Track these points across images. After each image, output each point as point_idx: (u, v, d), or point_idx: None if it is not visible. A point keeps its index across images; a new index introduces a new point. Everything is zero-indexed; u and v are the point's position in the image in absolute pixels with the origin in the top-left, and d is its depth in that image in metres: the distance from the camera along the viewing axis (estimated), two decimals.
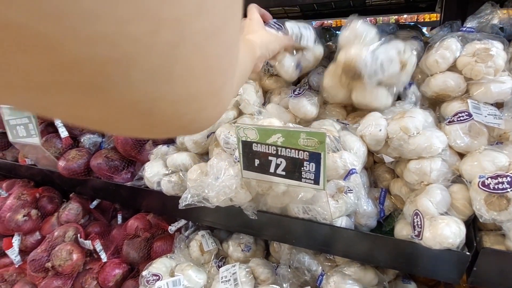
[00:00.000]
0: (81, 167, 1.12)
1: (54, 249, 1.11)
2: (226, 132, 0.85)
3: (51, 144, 1.18)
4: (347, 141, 0.74)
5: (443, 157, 0.68)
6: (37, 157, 1.27)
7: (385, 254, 0.71)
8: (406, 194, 0.75)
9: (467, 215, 0.64)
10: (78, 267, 1.11)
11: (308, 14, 1.50)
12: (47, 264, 1.08)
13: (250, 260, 0.98)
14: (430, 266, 0.65)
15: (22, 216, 1.21)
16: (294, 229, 0.78)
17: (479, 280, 0.62)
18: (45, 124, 1.26)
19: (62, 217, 1.25)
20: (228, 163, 0.79)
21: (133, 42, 0.15)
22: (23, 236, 1.25)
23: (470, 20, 0.78)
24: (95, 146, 1.21)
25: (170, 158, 0.96)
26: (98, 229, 1.25)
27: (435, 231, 0.60)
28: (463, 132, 0.68)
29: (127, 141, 1.06)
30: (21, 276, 1.19)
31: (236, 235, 1.06)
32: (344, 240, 0.74)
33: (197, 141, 0.94)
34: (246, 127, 0.65)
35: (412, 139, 0.68)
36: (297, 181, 0.65)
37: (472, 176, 0.62)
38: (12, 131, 1.17)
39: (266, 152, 0.65)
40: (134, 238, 1.13)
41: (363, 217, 0.76)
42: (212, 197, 0.77)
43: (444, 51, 0.73)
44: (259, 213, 0.79)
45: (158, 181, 0.96)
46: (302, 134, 0.60)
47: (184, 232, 1.10)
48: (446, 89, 0.73)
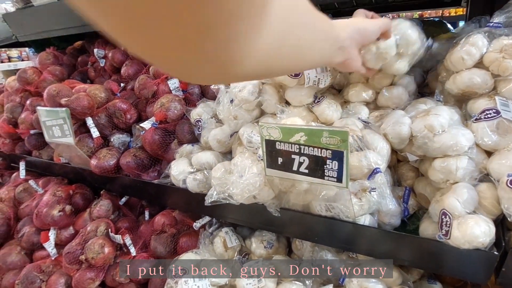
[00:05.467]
0: (111, 165, 1.18)
1: (87, 242, 1.17)
2: (249, 131, 0.87)
3: (83, 143, 1.25)
4: (370, 140, 0.74)
5: (470, 155, 0.67)
6: (71, 156, 1.35)
7: (410, 253, 0.71)
8: (431, 193, 0.75)
9: (495, 214, 0.63)
10: (110, 260, 1.17)
11: (328, 12, 1.49)
12: (81, 257, 1.15)
13: (272, 257, 1.00)
14: (457, 266, 0.65)
15: (58, 212, 1.29)
16: (317, 227, 0.79)
17: (508, 281, 0.61)
18: (78, 125, 1.34)
19: (94, 212, 1.32)
20: (251, 161, 0.81)
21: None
22: (58, 230, 1.33)
23: (497, 15, 0.76)
24: (124, 145, 1.27)
25: (195, 157, 0.99)
26: (127, 224, 1.31)
27: (464, 230, 0.59)
28: (491, 130, 0.67)
29: (154, 141, 1.10)
30: (57, 268, 1.27)
31: (258, 232, 1.08)
32: (368, 238, 0.74)
33: (220, 140, 0.97)
34: (270, 126, 0.67)
35: (437, 137, 0.67)
36: (319, 179, 0.66)
37: (500, 174, 0.61)
38: (48, 131, 1.25)
39: (289, 150, 0.67)
40: (161, 233, 1.17)
41: (386, 216, 0.76)
42: (236, 194, 0.79)
43: (470, 48, 0.72)
44: (282, 210, 0.81)
45: (183, 179, 1.00)
46: (325, 133, 0.61)
47: (208, 228, 1.13)
48: (472, 86, 0.72)
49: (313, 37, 0.45)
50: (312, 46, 0.45)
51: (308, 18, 0.41)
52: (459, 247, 0.61)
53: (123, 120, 1.27)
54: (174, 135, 1.13)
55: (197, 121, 1.05)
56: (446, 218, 0.64)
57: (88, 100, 1.25)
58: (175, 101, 1.14)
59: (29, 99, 1.54)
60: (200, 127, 1.04)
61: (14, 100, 1.65)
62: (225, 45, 0.26)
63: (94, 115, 1.28)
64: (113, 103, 1.28)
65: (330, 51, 0.53)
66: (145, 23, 0.21)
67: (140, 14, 0.20)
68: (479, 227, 0.59)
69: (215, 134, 0.98)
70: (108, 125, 1.29)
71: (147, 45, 0.25)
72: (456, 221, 0.62)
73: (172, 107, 1.13)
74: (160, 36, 0.23)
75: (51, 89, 1.29)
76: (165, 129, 1.13)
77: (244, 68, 0.32)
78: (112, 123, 1.29)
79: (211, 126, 1.02)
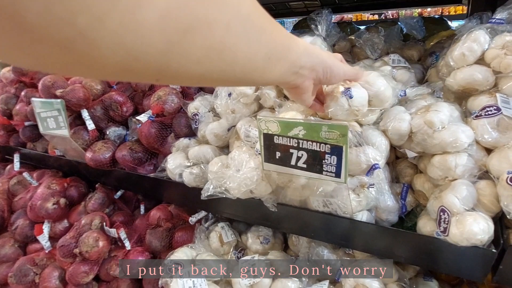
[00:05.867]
0: (106, 158, 1.16)
1: (81, 236, 1.16)
2: (247, 126, 0.86)
3: (78, 136, 1.24)
4: (369, 136, 0.74)
5: (469, 152, 0.66)
6: (65, 149, 1.33)
7: (407, 249, 0.70)
8: (429, 189, 0.74)
9: (494, 212, 0.62)
10: (104, 254, 1.16)
11: (328, 8, 1.48)
12: (75, 250, 1.14)
13: (268, 252, 0.99)
14: (454, 264, 0.64)
15: (52, 204, 1.28)
16: (314, 223, 0.79)
17: (505, 279, 0.61)
18: (73, 117, 1.32)
19: (89, 206, 1.30)
20: (249, 155, 0.80)
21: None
22: (52, 223, 1.31)
23: (500, 11, 0.75)
24: (119, 138, 1.26)
25: (192, 151, 0.98)
26: (122, 218, 1.30)
27: (463, 228, 0.59)
28: (491, 127, 0.66)
29: (151, 134, 1.09)
30: (51, 261, 1.26)
31: (255, 228, 1.07)
32: (365, 235, 0.73)
33: (218, 134, 0.96)
34: (268, 119, 0.66)
35: (437, 134, 0.67)
36: (318, 174, 0.65)
37: (500, 171, 0.61)
38: (43, 123, 1.23)
39: (287, 144, 0.66)
40: (156, 228, 1.16)
41: (384, 212, 0.75)
42: (233, 189, 0.78)
43: (471, 44, 0.71)
44: (278, 205, 0.80)
45: (180, 172, 0.98)
46: (324, 127, 0.60)
47: (204, 223, 1.12)
48: (473, 83, 0.71)
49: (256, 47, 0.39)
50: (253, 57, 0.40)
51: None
52: (457, 244, 0.60)
53: (119, 112, 1.26)
54: (170, 129, 1.12)
55: (194, 114, 1.03)
56: (444, 215, 0.63)
57: (83, 92, 1.23)
58: (172, 94, 1.13)
59: (24, 90, 1.52)
60: (197, 121, 1.03)
61: (8, 91, 1.63)
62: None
63: (90, 107, 1.26)
64: (109, 95, 1.26)
65: (282, 71, 0.47)
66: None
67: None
68: (477, 225, 0.58)
69: (212, 128, 0.96)
70: (103, 117, 1.27)
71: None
72: (454, 218, 0.61)
73: (169, 100, 1.11)
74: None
75: (46, 80, 1.27)
76: (161, 122, 1.11)
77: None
78: (108, 115, 1.28)
79: (208, 119, 1.01)
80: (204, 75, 0.36)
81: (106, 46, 0.24)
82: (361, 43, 1.03)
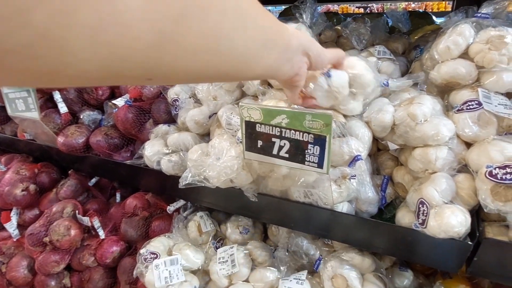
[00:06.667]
0: (80, 143, 1.11)
1: (52, 224, 1.11)
2: (228, 113, 0.83)
3: (50, 119, 1.17)
4: (353, 127, 0.73)
5: (450, 146, 0.66)
6: (36, 132, 1.25)
7: (385, 241, 0.71)
8: (409, 182, 0.74)
9: (471, 205, 0.63)
10: (76, 243, 1.11)
11: None
12: (45, 238, 1.09)
13: (248, 242, 0.98)
14: (430, 255, 0.65)
15: (21, 191, 1.21)
16: (294, 213, 0.78)
17: (479, 271, 0.62)
18: (45, 99, 1.24)
19: (61, 193, 1.24)
20: (230, 143, 0.78)
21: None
22: (21, 211, 1.25)
23: (486, 6, 0.75)
24: (94, 123, 1.20)
25: (171, 138, 0.94)
26: (96, 206, 1.25)
27: (441, 220, 0.59)
28: (472, 121, 0.67)
29: (128, 119, 1.04)
30: (19, 250, 1.20)
31: (234, 217, 1.06)
32: (344, 226, 0.73)
33: (198, 121, 0.92)
34: (250, 107, 0.64)
35: (419, 126, 0.67)
36: (300, 164, 0.64)
37: (479, 165, 0.61)
38: (11, 104, 1.15)
39: (269, 133, 0.64)
40: (132, 216, 1.13)
41: (364, 204, 0.75)
42: (212, 177, 0.76)
43: (457, 37, 0.71)
44: (259, 195, 0.79)
45: (158, 160, 0.95)
46: (308, 116, 0.58)
47: (182, 212, 1.09)
48: (456, 77, 0.71)
49: (242, 32, 0.35)
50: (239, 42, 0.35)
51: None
52: (435, 236, 0.61)
53: (94, 96, 1.19)
54: (149, 114, 1.07)
55: (174, 100, 0.99)
56: (423, 207, 0.63)
57: None
58: None
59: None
60: (177, 107, 0.99)
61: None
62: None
63: (62, 89, 1.19)
64: None
65: (275, 58, 0.44)
66: None
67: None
68: (455, 217, 0.59)
69: (193, 115, 0.93)
70: (77, 100, 1.20)
71: None
72: (433, 211, 0.62)
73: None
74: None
75: None
76: (139, 107, 1.06)
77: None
78: (82, 98, 1.21)
79: (189, 106, 0.97)
80: (200, 70, 0.33)
81: (81, 46, 0.20)
82: (347, 33, 1.02)
